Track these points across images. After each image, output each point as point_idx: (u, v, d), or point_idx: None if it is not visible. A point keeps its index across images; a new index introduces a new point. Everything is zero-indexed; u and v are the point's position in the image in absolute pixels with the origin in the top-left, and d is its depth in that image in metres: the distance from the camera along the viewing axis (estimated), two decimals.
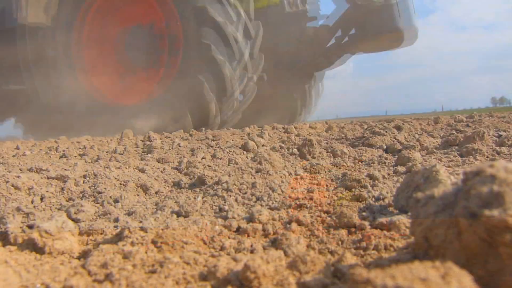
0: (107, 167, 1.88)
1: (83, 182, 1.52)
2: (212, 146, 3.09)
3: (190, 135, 4.18)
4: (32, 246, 0.91)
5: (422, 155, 2.03)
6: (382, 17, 6.48)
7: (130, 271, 0.73)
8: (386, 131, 2.92)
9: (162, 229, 0.90)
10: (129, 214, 1.26)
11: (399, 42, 6.86)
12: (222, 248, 0.89)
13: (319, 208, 1.14)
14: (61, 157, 3.04)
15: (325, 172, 1.73)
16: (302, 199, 1.24)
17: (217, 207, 1.24)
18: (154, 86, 6.10)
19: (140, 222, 1.09)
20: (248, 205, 1.26)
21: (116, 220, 1.16)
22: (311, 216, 1.07)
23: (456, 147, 2.15)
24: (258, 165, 1.63)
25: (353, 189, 1.37)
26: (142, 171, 1.86)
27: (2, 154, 3.44)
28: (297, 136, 3.58)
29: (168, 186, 1.69)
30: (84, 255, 0.91)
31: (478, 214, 0.55)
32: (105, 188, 1.46)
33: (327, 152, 2.19)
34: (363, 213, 1.07)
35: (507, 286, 0.52)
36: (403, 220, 0.93)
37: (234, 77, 5.73)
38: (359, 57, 7.60)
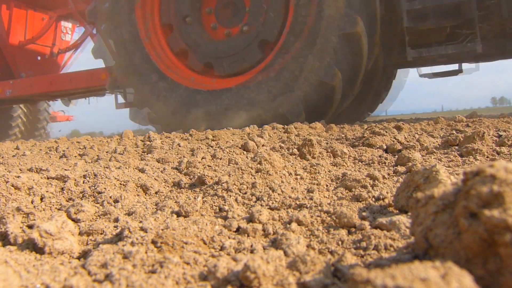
0: (107, 167, 1.88)
1: (83, 182, 1.52)
2: (212, 146, 3.09)
3: (190, 135, 4.18)
4: (32, 246, 0.91)
5: (422, 155, 2.03)
6: None
7: (130, 271, 0.73)
8: (386, 131, 2.92)
9: (162, 229, 0.90)
10: (129, 214, 1.26)
11: None
12: (222, 248, 0.89)
13: (319, 208, 1.14)
14: (61, 157, 3.04)
15: (325, 172, 1.73)
16: (302, 199, 1.24)
17: (217, 207, 1.24)
18: None
19: (140, 222, 1.09)
20: (248, 205, 1.26)
21: (116, 220, 1.16)
22: (311, 216, 1.07)
23: (456, 147, 2.15)
24: (258, 165, 1.63)
25: (353, 189, 1.37)
26: (142, 171, 1.86)
27: (2, 154, 3.45)
28: (297, 136, 3.58)
29: (168, 186, 1.69)
30: (84, 255, 0.91)
31: (478, 214, 0.55)
32: (105, 188, 1.46)
33: (327, 152, 2.18)
34: (363, 213, 1.07)
35: (507, 286, 0.52)
36: (403, 220, 0.93)
37: None
38: None
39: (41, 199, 1.35)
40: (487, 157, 1.84)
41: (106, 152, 3.17)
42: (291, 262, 0.71)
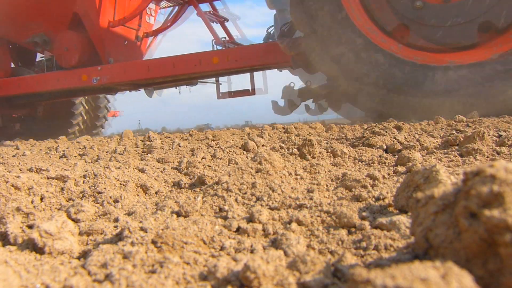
0: (107, 167, 1.88)
1: (83, 182, 1.52)
2: (212, 146, 3.09)
3: (190, 135, 4.18)
4: (32, 246, 0.91)
5: (422, 155, 2.03)
6: None
7: (130, 271, 0.73)
8: (386, 131, 2.93)
9: (162, 229, 0.90)
10: (129, 214, 1.26)
11: None
12: (222, 248, 0.89)
13: (319, 208, 1.14)
14: (61, 157, 3.04)
15: (325, 172, 1.73)
16: (302, 199, 1.23)
17: (217, 207, 1.24)
18: None
19: (140, 222, 1.09)
20: (248, 205, 1.26)
21: (116, 220, 1.16)
22: (311, 216, 1.07)
23: (456, 147, 2.15)
24: (258, 165, 1.63)
25: (353, 189, 1.37)
26: (142, 171, 1.86)
27: (2, 154, 3.44)
28: (297, 136, 3.58)
29: (168, 186, 1.69)
30: (84, 255, 0.91)
31: (478, 214, 0.55)
32: (105, 188, 1.46)
33: (327, 152, 2.18)
34: (363, 213, 1.07)
35: (507, 286, 0.52)
36: (403, 220, 0.93)
37: None
38: None
39: (41, 199, 1.35)
40: (487, 157, 1.84)
41: (106, 152, 3.17)
42: (291, 262, 0.71)
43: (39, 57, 9.69)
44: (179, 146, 3.17)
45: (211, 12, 8.41)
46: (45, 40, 8.40)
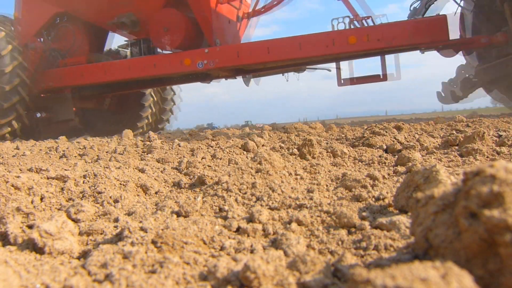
0: (107, 167, 1.88)
1: (83, 182, 1.52)
2: (212, 146, 3.09)
3: (190, 135, 4.18)
4: (32, 246, 0.91)
5: (422, 155, 2.03)
6: None
7: (130, 271, 0.73)
8: (386, 131, 2.93)
9: (162, 229, 0.90)
10: (129, 214, 1.26)
11: None
12: (222, 248, 0.89)
13: (319, 208, 1.14)
14: (61, 157, 3.04)
15: (325, 172, 1.73)
16: (302, 199, 1.23)
17: (217, 207, 1.24)
18: None
19: (140, 222, 1.09)
20: (248, 205, 1.26)
21: (116, 220, 1.16)
22: (311, 216, 1.07)
23: (456, 147, 2.15)
24: (258, 165, 1.62)
25: (353, 189, 1.37)
26: (142, 171, 1.86)
27: (2, 154, 3.44)
28: (297, 136, 3.59)
29: (168, 186, 1.69)
30: (84, 255, 0.91)
31: (478, 214, 0.55)
32: (105, 188, 1.46)
33: (327, 152, 2.18)
34: (363, 213, 1.07)
35: (507, 286, 0.52)
36: (403, 220, 0.93)
37: None
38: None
39: (41, 199, 1.34)
40: (487, 157, 1.84)
41: (106, 152, 3.17)
42: (291, 262, 0.71)
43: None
44: (179, 146, 3.17)
45: None
46: (133, 20, 7.09)
